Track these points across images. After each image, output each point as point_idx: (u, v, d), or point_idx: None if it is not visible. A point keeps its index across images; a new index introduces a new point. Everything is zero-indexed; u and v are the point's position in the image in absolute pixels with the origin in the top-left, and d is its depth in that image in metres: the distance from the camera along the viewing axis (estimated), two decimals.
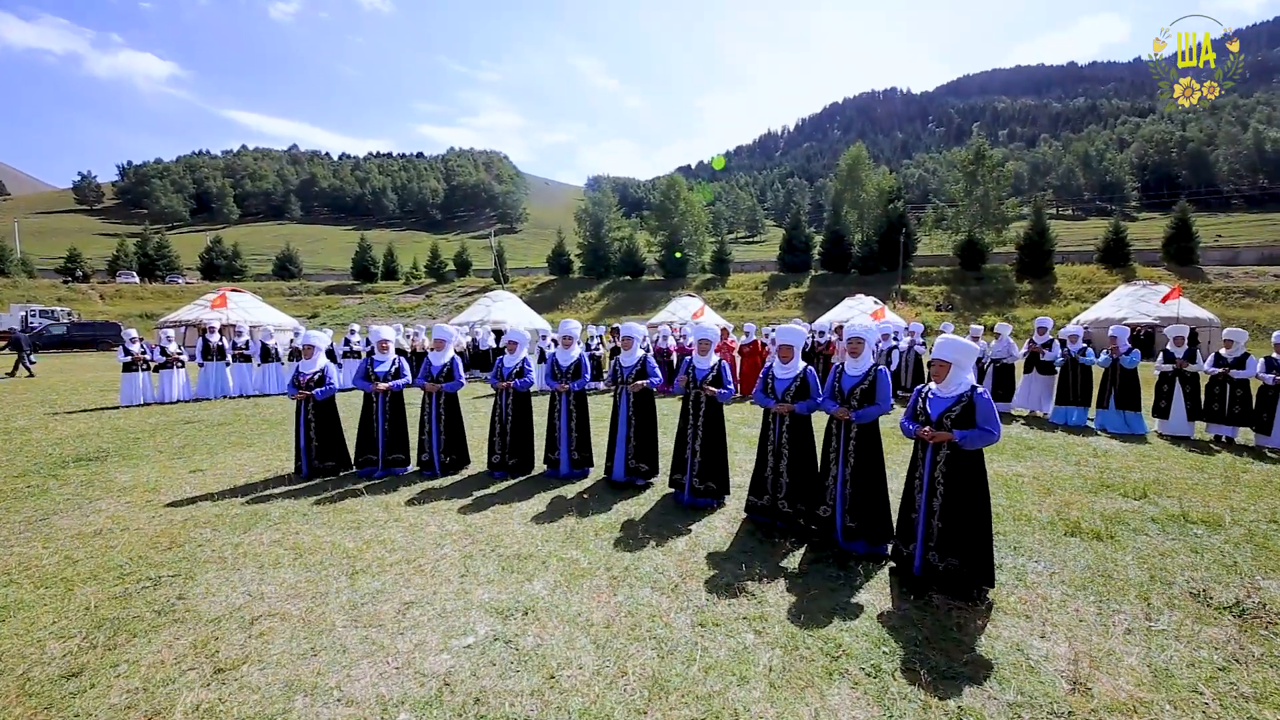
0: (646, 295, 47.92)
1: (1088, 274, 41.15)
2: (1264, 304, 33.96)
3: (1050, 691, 2.52)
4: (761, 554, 3.91)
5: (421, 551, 3.88)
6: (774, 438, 4.36)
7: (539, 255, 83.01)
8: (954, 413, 3.39)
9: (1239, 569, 3.76)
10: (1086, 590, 3.46)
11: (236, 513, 4.67)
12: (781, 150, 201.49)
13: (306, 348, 5.73)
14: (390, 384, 5.67)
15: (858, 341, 4.05)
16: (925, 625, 3.02)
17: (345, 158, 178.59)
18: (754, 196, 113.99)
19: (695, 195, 55.19)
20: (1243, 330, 7.76)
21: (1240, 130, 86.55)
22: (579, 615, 3.06)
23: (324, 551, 3.88)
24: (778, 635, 2.90)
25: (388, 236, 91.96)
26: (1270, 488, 5.55)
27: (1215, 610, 3.23)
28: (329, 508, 4.79)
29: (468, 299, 50.20)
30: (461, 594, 3.29)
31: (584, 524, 4.41)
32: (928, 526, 3.47)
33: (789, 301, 43.06)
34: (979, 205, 48.35)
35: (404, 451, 5.84)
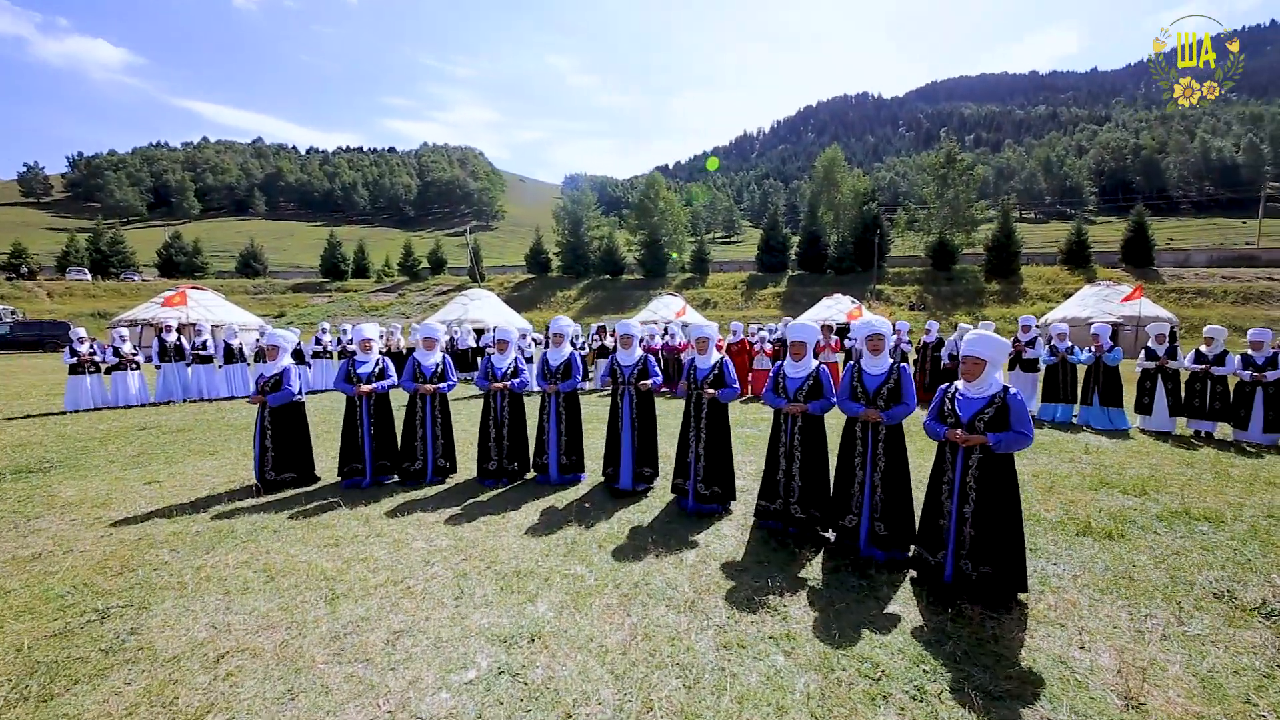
0: (626, 294, 47.61)
1: (1052, 275, 42.57)
2: (1214, 304, 35.69)
3: (1105, 709, 2.36)
4: (778, 564, 3.69)
5: (409, 571, 3.54)
6: (786, 440, 4.16)
7: (516, 253, 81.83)
8: (986, 415, 3.23)
9: (1253, 567, 3.72)
10: (1112, 594, 3.35)
11: (198, 530, 4.23)
12: (757, 152, 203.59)
13: (269, 348, 5.28)
14: (375, 386, 5.27)
15: (879, 338, 3.87)
16: (961, 638, 2.85)
17: (313, 152, 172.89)
18: (731, 197, 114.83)
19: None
20: (1222, 328, 7.94)
21: (1189, 139, 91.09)
22: (591, 640, 2.78)
23: (299, 574, 3.50)
24: (810, 656, 2.68)
25: (358, 233, 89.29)
26: (1259, 482, 5.62)
27: (1243, 612, 3.15)
28: (303, 523, 4.38)
29: (443, 298, 49.06)
30: (458, 619, 2.98)
31: (585, 535, 4.13)
32: (959, 534, 3.31)
33: (768, 301, 43.35)
34: (949, 207, 49.63)
35: (392, 458, 5.44)
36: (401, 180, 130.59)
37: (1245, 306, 34.59)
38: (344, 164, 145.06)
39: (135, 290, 46.44)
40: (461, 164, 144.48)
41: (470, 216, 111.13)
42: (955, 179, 50.04)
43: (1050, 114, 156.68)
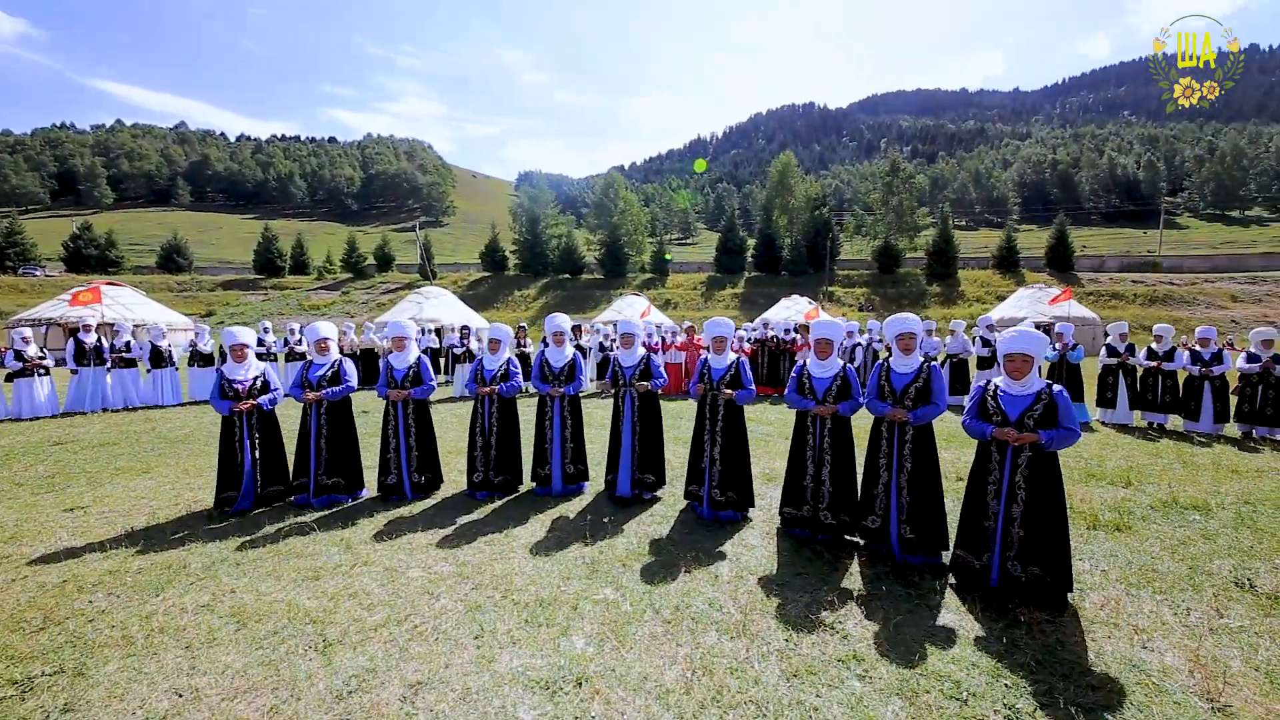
0: (587, 294, 46.99)
1: (985, 278, 45.39)
2: (1126, 305, 39.09)
3: (1194, 714, 2.28)
4: (818, 575, 3.48)
5: (412, 606, 3.07)
6: (814, 443, 3.96)
7: (469, 251, 79.28)
8: (1035, 412, 3.15)
9: (1256, 554, 3.84)
10: (1144, 588, 3.35)
11: (140, 567, 3.55)
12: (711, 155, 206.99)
13: (236, 348, 4.60)
14: (324, 392, 4.65)
15: (910, 336, 3.73)
16: (1028, 647, 2.72)
17: (244, 139, 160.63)
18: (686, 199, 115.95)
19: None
20: (1170, 326, 8.50)
21: (1098, 156, 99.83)
22: (646, 679, 2.45)
23: (277, 617, 2.96)
24: (887, 679, 2.47)
25: (296, 227, 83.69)
26: (1224, 470, 5.96)
27: (1268, 600, 3.21)
28: (270, 552, 3.78)
29: (391, 296, 46.73)
30: (484, 664, 2.56)
31: (604, 552, 3.77)
32: (1006, 534, 3.21)
33: (726, 301, 43.95)
34: (894, 214, 52.22)
35: (346, 474, 4.83)
36: (344, 172, 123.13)
37: (1152, 308, 38.03)
38: (279, 153, 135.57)
39: (37, 287, 41.44)
40: (409, 157, 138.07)
41: (419, 212, 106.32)
42: (899, 187, 52.72)
43: (979, 129, 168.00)
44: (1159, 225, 62.38)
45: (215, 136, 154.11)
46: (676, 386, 10.49)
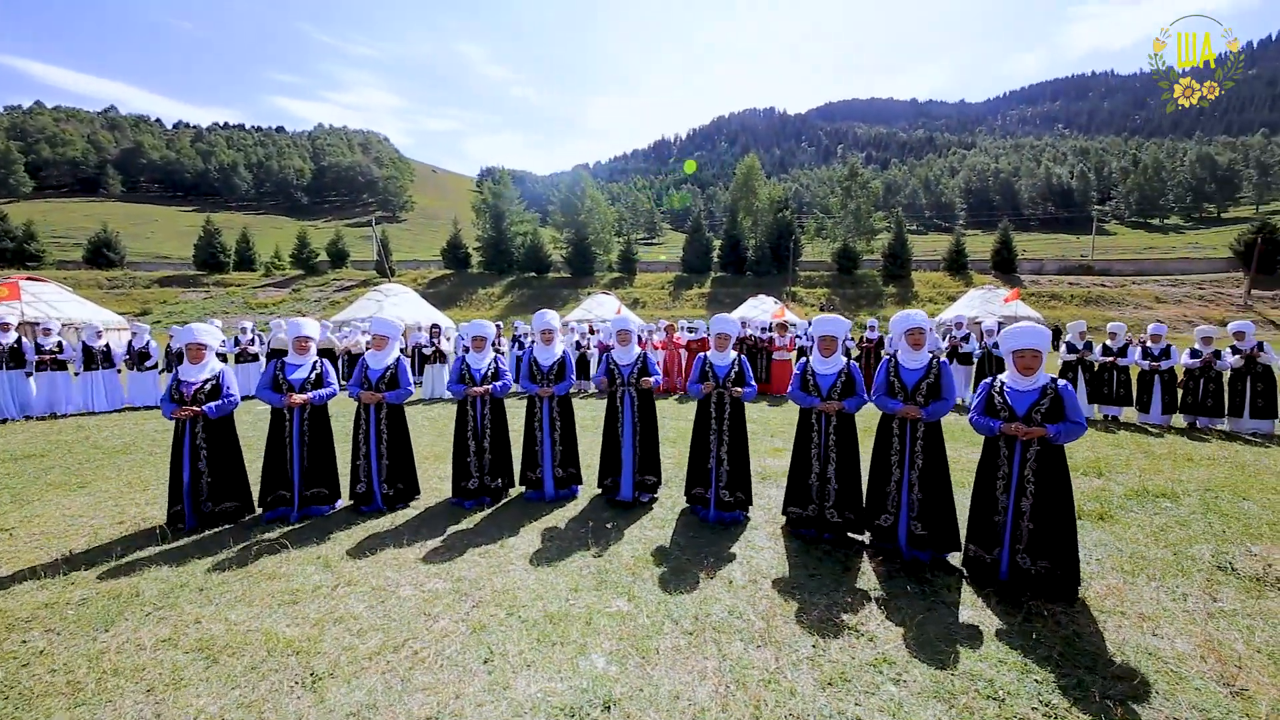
0: (554, 293, 46.34)
1: (937, 280, 47.49)
2: (1065, 305, 41.67)
3: (1217, 700, 2.32)
4: (830, 576, 3.41)
5: (409, 630, 2.80)
6: (819, 440, 3.91)
7: (428, 247, 76.87)
8: (1042, 406, 3.18)
9: (1228, 538, 4.04)
10: (1138, 575, 3.45)
11: (83, 597, 3.12)
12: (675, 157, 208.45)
13: (193, 347, 4.15)
14: (310, 395, 4.29)
15: (919, 332, 3.72)
16: (1048, 640, 2.72)
17: (183, 126, 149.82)
18: (651, 200, 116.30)
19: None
20: (1122, 324, 9.00)
21: (1036, 166, 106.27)
22: (678, 698, 2.29)
23: (253, 649, 2.63)
24: (921, 682, 2.40)
25: (240, 220, 78.94)
26: (1180, 459, 6.31)
27: (1251, 582, 3.36)
28: (238, 574, 3.40)
29: (346, 294, 44.75)
30: (498, 691, 2.34)
31: (609, 561, 3.58)
32: (1016, 528, 3.23)
33: (694, 301, 44.27)
34: (852, 218, 53.91)
35: (330, 484, 4.48)
36: (293, 163, 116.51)
37: (1087, 308, 40.65)
38: (222, 142, 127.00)
39: None
40: (364, 149, 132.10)
41: (375, 206, 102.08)
42: (857, 192, 54.48)
43: (928, 138, 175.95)
44: (1091, 231, 66.91)
45: (149, 123, 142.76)
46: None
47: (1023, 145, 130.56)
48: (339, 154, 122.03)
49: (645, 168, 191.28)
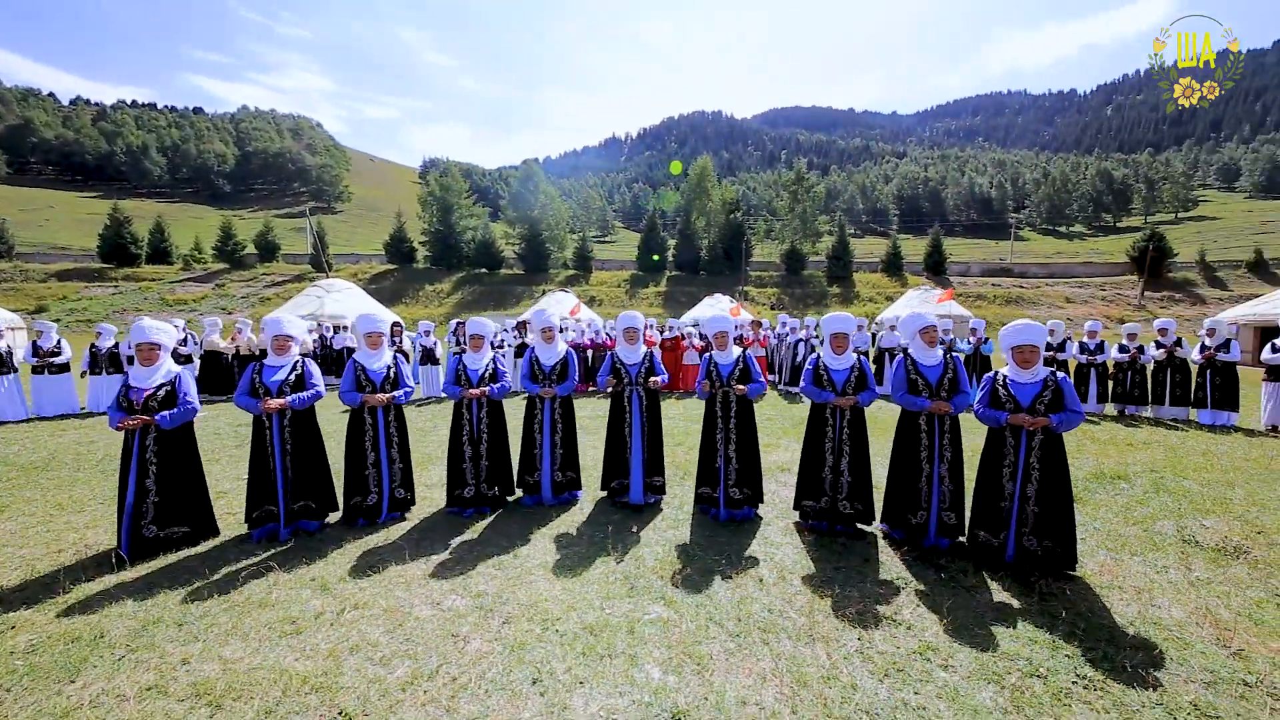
0: (507, 290, 45.16)
1: (876, 281, 50.11)
2: (988, 304, 45.03)
3: (1222, 661, 2.53)
4: (854, 568, 3.46)
5: (439, 654, 2.57)
6: (833, 435, 3.96)
7: (368, 240, 72.89)
8: (1045, 398, 3.37)
9: (1183, 513, 4.45)
10: (1121, 551, 3.74)
11: (32, 642, 2.66)
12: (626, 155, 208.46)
13: (144, 347, 3.65)
14: (289, 399, 3.89)
15: (933, 330, 3.84)
16: (1067, 618, 2.89)
17: (83, 103, 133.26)
18: (603, 197, 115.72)
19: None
20: (1061, 322, 9.79)
21: (960, 175, 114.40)
22: (745, 703, 2.23)
23: (264, 690, 2.33)
24: (968, 666, 2.47)
25: (154, 208, 71.46)
26: (1121, 444, 6.91)
27: (1215, 553, 3.71)
28: (222, 604, 3.02)
29: (277, 290, 41.70)
30: (555, 711, 2.19)
31: (635, 565, 3.47)
32: (1022, 513, 3.42)
33: (650, 299, 44.42)
34: (800, 220, 55.93)
35: (320, 497, 4.08)
36: (214, 148, 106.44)
37: (1008, 307, 44.13)
38: (130, 122, 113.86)
39: None
40: (294, 135, 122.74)
41: (307, 196, 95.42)
42: (803, 196, 56.58)
43: (864, 146, 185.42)
44: (1009, 237, 72.81)
45: (41, 97, 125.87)
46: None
47: (949, 156, 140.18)
48: (266, 139, 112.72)
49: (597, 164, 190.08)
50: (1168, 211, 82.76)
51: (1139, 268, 44.17)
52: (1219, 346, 7.89)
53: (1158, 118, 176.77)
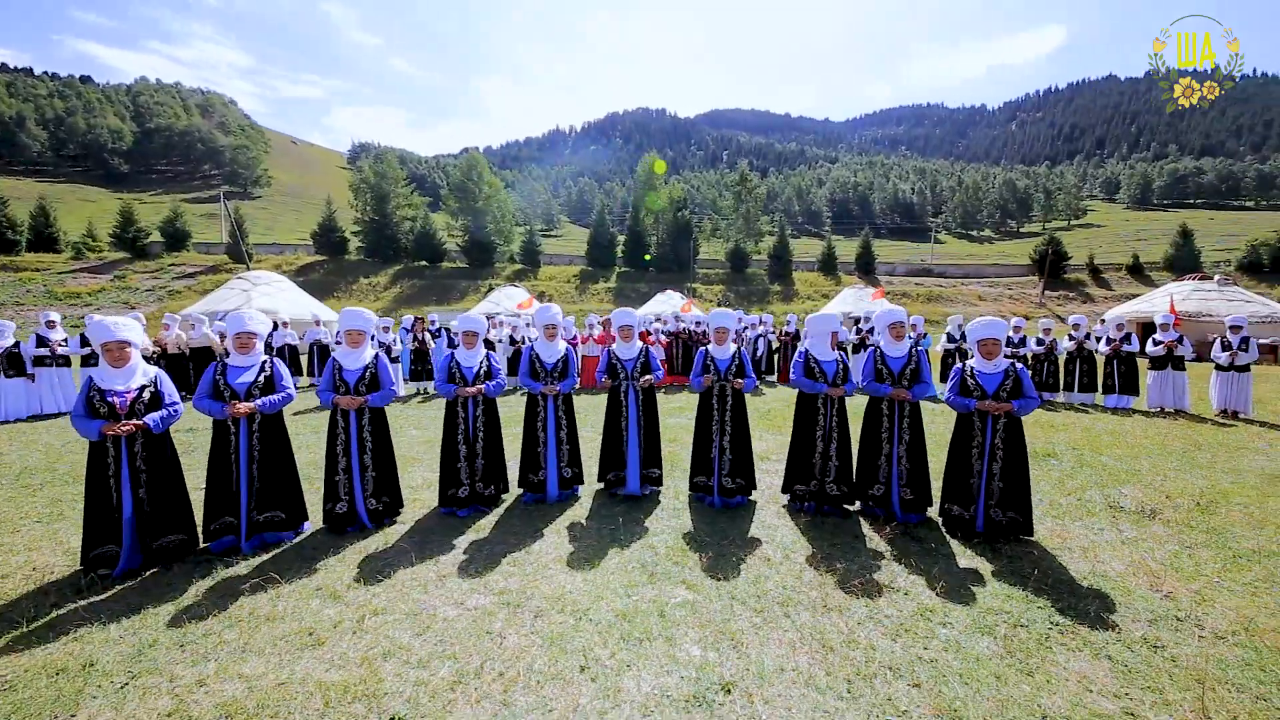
0: (450, 284, 43.52)
1: (813, 279, 52.66)
2: (913, 302, 48.46)
3: (1156, 603, 3.01)
4: (848, 544, 3.76)
5: (479, 651, 2.57)
6: (824, 422, 4.26)
7: (290, 229, 67.82)
8: (1007, 386, 3.80)
9: (1106, 484, 5.12)
10: (1063, 518, 4.28)
11: (7, 678, 2.39)
12: (570, 149, 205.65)
13: (113, 346, 3.31)
14: (259, 403, 3.65)
15: (901, 325, 4.22)
16: (1035, 576, 3.28)
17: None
18: (548, 190, 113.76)
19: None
20: (1022, 319, 10.82)
21: (885, 181, 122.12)
22: (783, 670, 2.40)
23: (299, 703, 2.24)
24: (965, 622, 2.79)
25: (34, 189, 62.58)
26: (1045, 425, 7.77)
27: (1137, 515, 4.32)
28: (224, 621, 2.84)
29: (189, 282, 38.03)
30: (615, 695, 2.27)
31: (647, 554, 3.57)
32: (989, 488, 3.84)
33: (600, 295, 44.30)
34: (743, 220, 57.73)
35: (289, 506, 3.85)
36: (107, 122, 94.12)
37: (930, 305, 47.72)
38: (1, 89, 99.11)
39: None
40: (204, 112, 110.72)
41: (221, 180, 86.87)
42: (747, 196, 58.44)
43: (800, 151, 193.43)
44: (929, 240, 78.69)
45: None
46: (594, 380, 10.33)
47: (875, 163, 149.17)
48: (171, 115, 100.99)
49: (539, 156, 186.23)
50: (1062, 219, 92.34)
51: (1039, 269, 49.09)
52: (1123, 339, 9.03)
53: (1054, 134, 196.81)
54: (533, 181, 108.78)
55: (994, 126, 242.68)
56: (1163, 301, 19.67)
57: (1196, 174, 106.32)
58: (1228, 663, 2.48)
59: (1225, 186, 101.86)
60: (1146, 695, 2.29)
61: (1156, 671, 2.43)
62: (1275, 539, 3.83)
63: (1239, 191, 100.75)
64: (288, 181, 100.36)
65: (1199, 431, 7.26)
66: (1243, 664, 2.48)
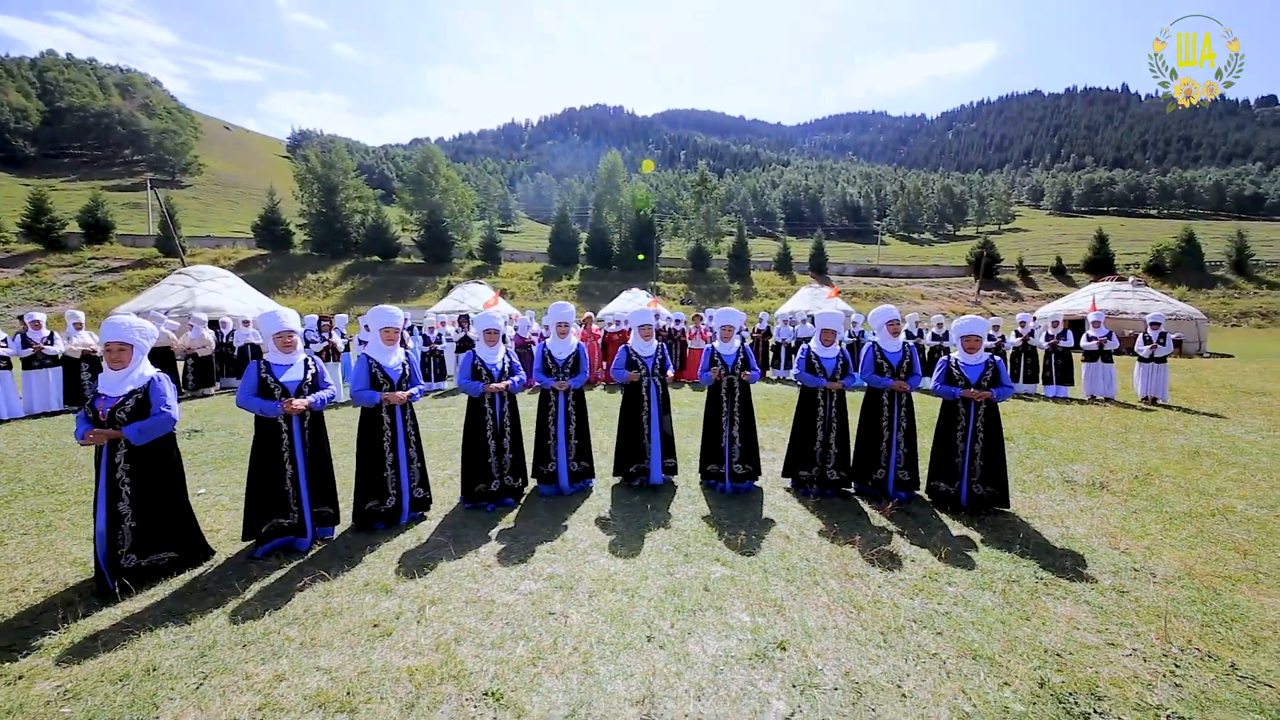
0: (406, 281, 42.10)
1: (770, 279, 54.35)
2: (861, 300, 50.89)
3: (1116, 558, 3.54)
4: (854, 521, 4.15)
5: (546, 630, 2.75)
6: (824, 414, 4.64)
7: (224, 220, 63.59)
8: (988, 376, 4.30)
9: (1058, 462, 5.80)
10: (1029, 491, 4.86)
11: (62, 690, 2.38)
12: (527, 143, 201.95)
13: (114, 347, 3.19)
14: (312, 399, 3.67)
15: (897, 323, 4.66)
16: (1018, 542, 3.77)
17: None
18: (504, 184, 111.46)
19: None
20: (941, 316, 11.71)
21: (835, 185, 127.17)
22: (825, 629, 2.71)
23: (388, 688, 2.36)
24: (967, 582, 3.20)
25: None
26: None
27: (1089, 488, 4.95)
28: (281, 620, 2.88)
29: (114, 277, 35.10)
30: (683, 658, 2.50)
31: (675, 536, 3.83)
32: (971, 465, 4.34)
33: (564, 292, 44.02)
34: (704, 220, 58.78)
35: (333, 502, 3.89)
36: (8, 99, 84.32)
37: (878, 303, 49.99)
38: None
39: None
40: (124, 92, 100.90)
41: (146, 166, 79.86)
42: (708, 196, 59.53)
43: (754, 153, 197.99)
44: (875, 242, 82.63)
45: None
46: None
47: (825, 167, 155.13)
48: (85, 94, 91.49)
49: (495, 150, 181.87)
50: (994, 223, 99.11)
51: (975, 270, 52.63)
52: (1060, 335, 10.02)
53: (986, 144, 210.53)
54: (488, 175, 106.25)
55: (932, 135, 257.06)
56: (1085, 300, 21.62)
57: (1109, 184, 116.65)
58: (1178, 601, 3.00)
59: (1133, 196, 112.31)
60: (1121, 629, 2.75)
61: (1125, 611, 2.91)
62: (1200, 503, 4.51)
63: (1145, 201, 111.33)
64: (221, 170, 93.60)
65: (1127, 416, 8.22)
66: (1189, 601, 3.00)
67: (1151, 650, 2.58)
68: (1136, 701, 2.25)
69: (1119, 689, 2.32)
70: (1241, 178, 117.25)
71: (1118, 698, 2.28)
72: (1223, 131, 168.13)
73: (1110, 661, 2.51)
